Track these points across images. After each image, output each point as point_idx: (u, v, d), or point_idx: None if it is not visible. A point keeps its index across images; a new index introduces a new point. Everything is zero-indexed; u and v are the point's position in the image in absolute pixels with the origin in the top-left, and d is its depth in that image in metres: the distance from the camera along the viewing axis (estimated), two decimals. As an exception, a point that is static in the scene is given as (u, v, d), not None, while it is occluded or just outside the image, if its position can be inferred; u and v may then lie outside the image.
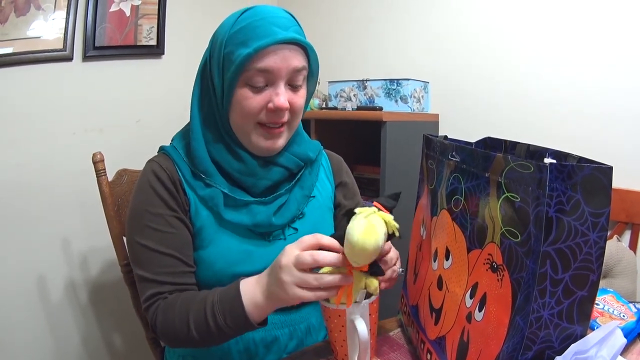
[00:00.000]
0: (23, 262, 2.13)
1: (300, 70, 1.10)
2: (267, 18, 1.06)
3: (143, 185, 1.15)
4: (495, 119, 2.25)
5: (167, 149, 1.20)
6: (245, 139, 1.14)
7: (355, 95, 2.44)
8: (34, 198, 2.14)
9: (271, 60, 1.04)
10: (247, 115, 1.09)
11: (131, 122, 2.45)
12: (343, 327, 0.94)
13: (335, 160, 1.41)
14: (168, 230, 1.11)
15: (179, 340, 1.05)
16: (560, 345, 0.70)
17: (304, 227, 1.23)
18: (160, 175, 1.14)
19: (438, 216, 0.96)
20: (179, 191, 1.14)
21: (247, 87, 1.07)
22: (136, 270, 1.13)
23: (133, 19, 2.38)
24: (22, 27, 2.04)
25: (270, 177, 1.17)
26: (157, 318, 1.06)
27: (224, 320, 0.97)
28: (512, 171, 0.70)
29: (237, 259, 1.14)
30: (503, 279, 0.72)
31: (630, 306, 1.09)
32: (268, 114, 1.09)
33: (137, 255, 1.13)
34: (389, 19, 2.66)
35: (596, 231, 0.67)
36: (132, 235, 1.14)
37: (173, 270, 1.10)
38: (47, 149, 2.17)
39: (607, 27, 1.88)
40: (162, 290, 1.09)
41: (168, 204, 1.12)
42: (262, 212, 1.15)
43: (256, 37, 1.04)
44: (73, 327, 2.31)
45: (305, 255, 0.89)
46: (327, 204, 1.32)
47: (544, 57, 2.07)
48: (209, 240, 1.14)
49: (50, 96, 2.17)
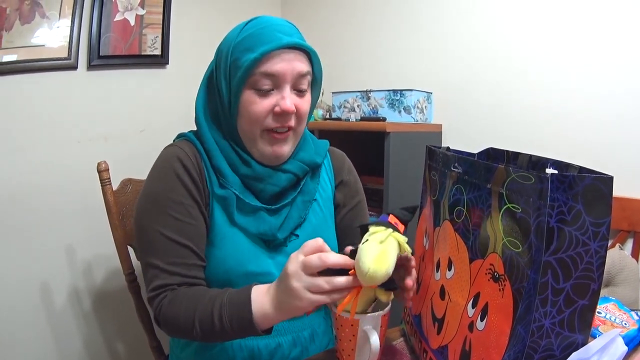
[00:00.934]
0: (27, 269, 2.13)
1: (305, 75, 1.12)
2: (271, 26, 1.10)
3: (166, 171, 1.13)
4: (498, 129, 2.26)
5: (189, 136, 1.21)
6: (252, 146, 1.15)
7: (359, 105, 2.45)
8: (38, 206, 2.14)
9: (277, 64, 1.07)
10: (254, 120, 1.11)
11: (135, 132, 2.46)
12: (354, 337, 0.94)
13: (336, 157, 1.41)
14: (189, 220, 1.11)
15: (181, 333, 1.05)
16: (561, 353, 0.70)
17: (304, 232, 1.23)
18: (186, 163, 1.13)
19: (441, 227, 0.97)
20: (203, 183, 1.15)
21: (253, 91, 1.09)
22: (147, 257, 1.10)
23: (138, 29, 2.39)
24: (26, 35, 2.05)
25: (279, 184, 1.18)
26: (162, 309, 1.05)
27: (229, 323, 0.96)
28: (513, 182, 0.71)
29: (247, 258, 1.14)
30: (504, 288, 0.72)
31: (632, 314, 1.09)
32: (275, 117, 1.11)
33: (151, 242, 1.10)
34: (393, 29, 2.67)
35: (597, 241, 0.67)
36: (148, 221, 1.11)
37: (186, 262, 1.09)
38: (52, 157, 2.17)
39: (609, 37, 1.89)
40: (171, 282, 1.07)
41: (192, 193, 1.12)
42: (268, 222, 1.16)
43: (261, 43, 1.07)
44: (76, 335, 2.31)
45: (312, 258, 0.87)
46: (327, 205, 1.32)
47: (546, 67, 2.08)
48: (220, 237, 1.14)
49: (54, 104, 2.18)
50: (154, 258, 1.09)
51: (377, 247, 0.85)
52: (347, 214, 1.36)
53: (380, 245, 0.85)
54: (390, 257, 0.85)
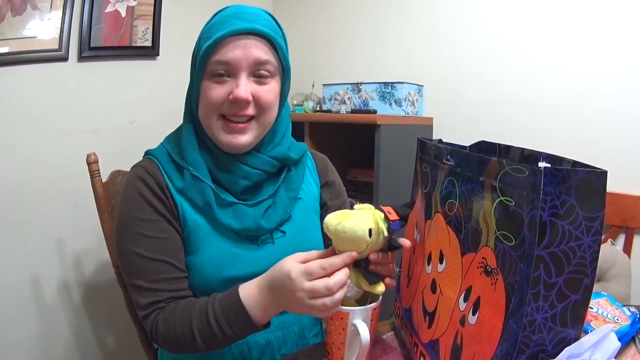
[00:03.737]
0: (16, 261, 2.12)
1: (264, 63, 1.09)
2: (235, 13, 1.09)
3: (130, 192, 1.13)
4: (489, 122, 2.26)
5: (153, 152, 1.20)
6: (210, 133, 1.14)
7: (350, 98, 2.45)
8: (27, 198, 2.13)
9: (230, 52, 1.06)
10: (209, 107, 1.10)
11: (125, 123, 2.45)
12: (344, 330, 0.94)
13: (320, 160, 1.40)
14: (160, 235, 1.10)
15: (183, 349, 1.06)
16: (553, 348, 0.70)
17: (291, 230, 1.22)
18: (147, 180, 1.12)
19: (432, 220, 0.96)
20: (167, 195, 1.13)
21: (210, 79, 1.09)
22: (130, 279, 1.11)
23: (129, 20, 2.37)
24: (18, 27, 2.03)
25: (248, 177, 1.16)
26: (158, 330, 1.05)
27: (230, 329, 0.97)
28: (506, 175, 0.70)
29: (226, 263, 1.13)
30: (497, 282, 0.72)
31: (624, 310, 1.09)
32: (230, 105, 1.09)
33: (130, 263, 1.10)
34: (384, 22, 2.66)
35: (590, 235, 0.67)
36: (123, 244, 1.12)
37: (166, 277, 1.09)
38: (42, 149, 2.16)
39: (603, 31, 1.89)
40: (158, 299, 1.07)
41: (157, 209, 1.11)
42: (249, 215, 1.14)
43: (217, 30, 1.06)
44: (66, 327, 2.30)
45: (313, 265, 0.89)
46: (313, 205, 1.31)
47: (539, 61, 2.08)
48: (197, 245, 1.13)
49: (45, 96, 2.16)
50: (136, 279, 1.09)
51: (347, 210, 0.93)
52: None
53: (352, 210, 0.93)
54: (359, 217, 0.90)
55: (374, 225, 0.91)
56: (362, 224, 0.90)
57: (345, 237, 0.89)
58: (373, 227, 0.91)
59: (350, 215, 0.91)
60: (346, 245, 0.91)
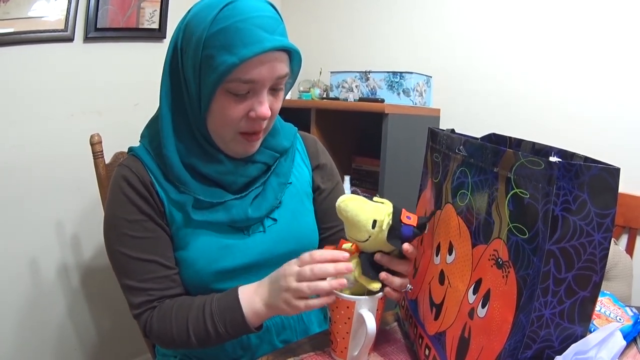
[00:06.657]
0: (16, 243, 2.13)
1: (284, 77, 1.05)
2: (250, 19, 0.97)
3: (115, 192, 1.12)
4: (496, 116, 2.25)
5: (136, 151, 1.15)
6: (222, 144, 1.10)
7: (357, 86, 2.44)
8: (29, 179, 2.13)
9: (256, 69, 0.98)
10: (227, 124, 1.04)
11: (129, 105, 2.44)
12: (349, 320, 0.94)
13: (310, 142, 1.36)
14: (146, 235, 1.10)
15: (176, 345, 1.08)
16: (560, 345, 0.69)
17: (283, 217, 1.21)
18: (131, 180, 1.10)
19: (442, 210, 0.95)
20: (152, 194, 1.11)
21: (228, 95, 1.01)
22: (121, 279, 1.12)
23: (136, 2, 2.36)
24: (23, 7, 2.02)
25: (248, 174, 1.15)
26: (152, 327, 1.07)
27: (224, 329, 1.01)
28: (522, 167, 0.69)
29: (217, 256, 1.12)
30: (509, 275, 0.71)
31: (626, 309, 1.09)
32: (249, 121, 1.04)
33: (119, 264, 1.11)
34: (394, 9, 2.65)
35: (601, 232, 0.66)
36: (111, 244, 1.12)
37: (155, 276, 1.09)
38: (45, 129, 2.16)
39: (615, 27, 1.88)
40: (150, 298, 1.09)
41: (141, 209, 1.10)
42: (237, 206, 1.12)
43: (241, 44, 0.95)
44: (64, 309, 2.31)
45: (305, 270, 0.93)
46: (304, 189, 1.29)
47: (548, 54, 2.07)
48: (186, 241, 1.12)
49: (49, 77, 2.16)
50: (126, 279, 1.10)
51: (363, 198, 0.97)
52: (327, 196, 1.33)
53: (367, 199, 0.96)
54: (368, 205, 0.94)
55: (381, 218, 0.91)
56: (367, 212, 0.91)
57: (347, 216, 0.93)
58: (379, 219, 0.91)
59: (361, 201, 0.93)
60: (350, 228, 0.94)
